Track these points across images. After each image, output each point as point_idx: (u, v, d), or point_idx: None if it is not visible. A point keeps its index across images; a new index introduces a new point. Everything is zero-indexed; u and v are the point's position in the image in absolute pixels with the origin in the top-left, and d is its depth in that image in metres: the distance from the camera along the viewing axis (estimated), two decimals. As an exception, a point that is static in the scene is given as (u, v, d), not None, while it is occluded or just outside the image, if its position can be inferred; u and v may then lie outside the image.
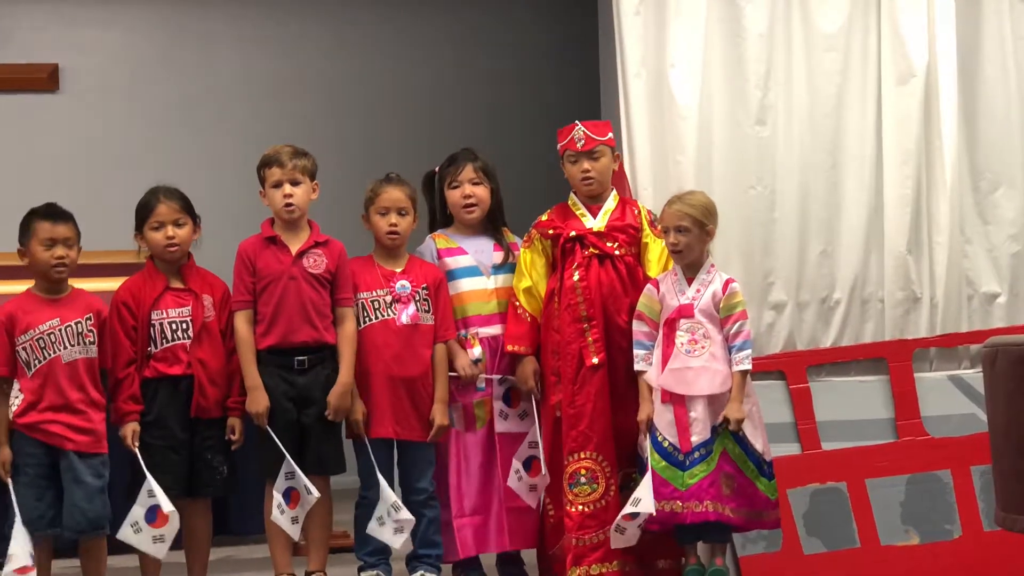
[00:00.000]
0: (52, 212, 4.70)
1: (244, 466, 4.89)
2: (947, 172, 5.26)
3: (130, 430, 4.69)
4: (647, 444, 4.64)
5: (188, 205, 4.84)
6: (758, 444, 4.63)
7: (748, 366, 4.62)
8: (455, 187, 5.03)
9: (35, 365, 4.60)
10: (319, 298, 4.80)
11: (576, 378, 4.78)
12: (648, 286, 4.78)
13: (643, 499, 4.55)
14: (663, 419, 4.63)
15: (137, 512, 4.59)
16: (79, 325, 4.65)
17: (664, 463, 4.59)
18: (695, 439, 4.58)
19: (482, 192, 5.04)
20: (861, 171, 5.26)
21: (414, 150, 7.28)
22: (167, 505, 4.58)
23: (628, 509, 4.59)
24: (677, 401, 4.62)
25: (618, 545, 4.66)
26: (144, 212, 4.81)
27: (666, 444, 4.61)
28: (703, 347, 4.64)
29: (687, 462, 4.57)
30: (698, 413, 4.59)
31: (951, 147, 5.26)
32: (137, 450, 4.67)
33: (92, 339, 4.67)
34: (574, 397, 4.78)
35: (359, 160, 7.22)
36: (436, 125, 8.11)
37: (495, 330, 4.98)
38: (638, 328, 4.74)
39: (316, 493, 4.68)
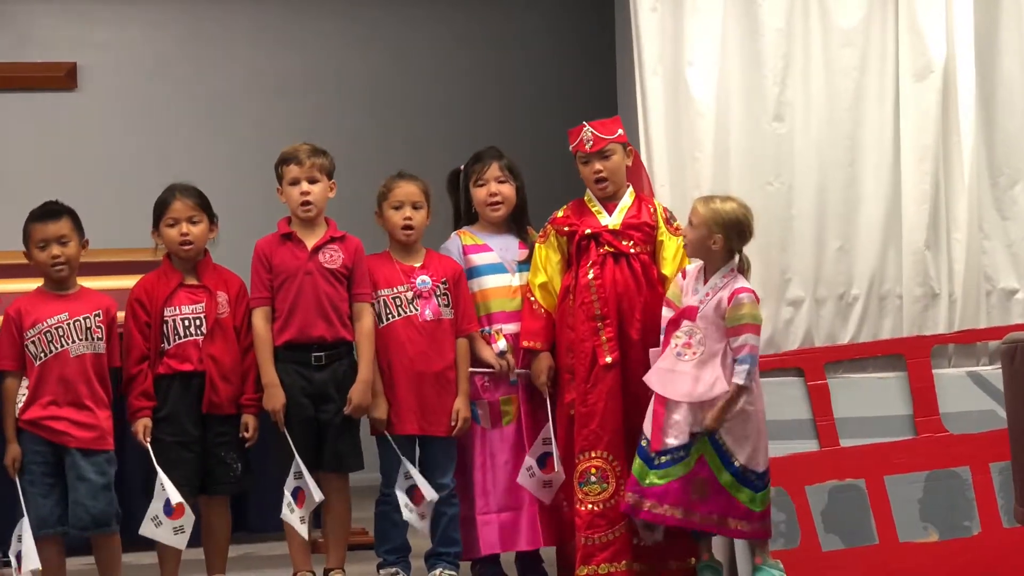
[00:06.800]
0: (42, 212, 4.71)
1: (262, 463, 4.90)
2: (965, 168, 5.24)
3: (141, 426, 4.70)
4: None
5: (204, 203, 4.85)
6: (742, 456, 4.51)
7: (740, 380, 4.49)
8: (481, 185, 5.04)
9: (42, 358, 4.61)
10: (336, 293, 4.80)
11: (589, 376, 4.77)
12: (679, 275, 4.74)
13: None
14: (648, 412, 4.61)
15: (155, 507, 4.61)
16: (87, 320, 4.67)
17: (637, 458, 4.58)
18: (670, 441, 4.51)
19: (507, 190, 5.05)
20: (879, 167, 5.24)
21: (430, 148, 7.31)
22: (175, 496, 4.59)
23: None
24: (659, 398, 4.58)
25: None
26: (160, 209, 4.83)
27: (643, 440, 4.58)
28: (695, 352, 4.56)
29: (656, 461, 4.53)
30: (680, 416, 4.53)
31: (969, 143, 5.24)
32: (149, 446, 4.69)
33: (100, 335, 4.68)
34: (586, 396, 4.77)
35: (375, 158, 7.21)
36: (452, 124, 8.12)
37: (518, 327, 4.97)
38: (666, 314, 4.68)
39: (319, 497, 4.69)
